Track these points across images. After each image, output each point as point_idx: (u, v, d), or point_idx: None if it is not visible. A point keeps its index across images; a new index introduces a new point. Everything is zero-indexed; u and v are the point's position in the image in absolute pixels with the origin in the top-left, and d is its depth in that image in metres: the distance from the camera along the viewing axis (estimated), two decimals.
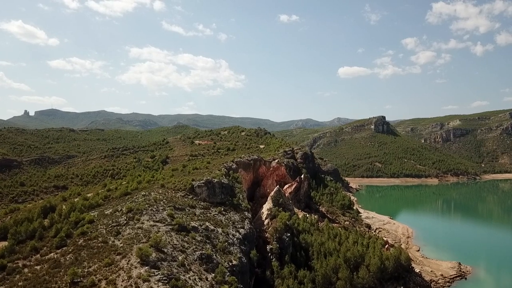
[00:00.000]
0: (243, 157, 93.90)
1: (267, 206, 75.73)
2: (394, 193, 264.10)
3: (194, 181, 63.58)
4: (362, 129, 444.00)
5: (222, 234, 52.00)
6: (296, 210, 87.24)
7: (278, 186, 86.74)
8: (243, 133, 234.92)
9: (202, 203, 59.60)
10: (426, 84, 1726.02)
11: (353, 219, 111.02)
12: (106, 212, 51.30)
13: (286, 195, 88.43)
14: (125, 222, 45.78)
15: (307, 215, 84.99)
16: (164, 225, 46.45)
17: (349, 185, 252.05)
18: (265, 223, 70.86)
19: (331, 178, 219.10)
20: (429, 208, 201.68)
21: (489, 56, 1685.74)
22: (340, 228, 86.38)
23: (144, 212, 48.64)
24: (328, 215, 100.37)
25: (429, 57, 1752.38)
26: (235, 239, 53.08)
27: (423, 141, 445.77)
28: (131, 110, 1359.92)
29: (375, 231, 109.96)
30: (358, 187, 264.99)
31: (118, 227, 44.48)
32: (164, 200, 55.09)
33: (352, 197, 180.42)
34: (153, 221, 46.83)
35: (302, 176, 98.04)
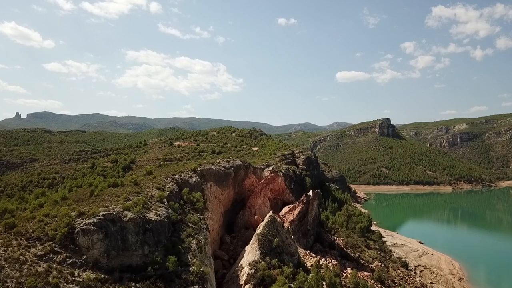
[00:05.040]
0: (218, 162, 58.86)
1: (250, 255, 40.52)
2: (406, 202, 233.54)
3: (81, 217, 28.12)
4: (365, 132, 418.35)
5: None
6: (301, 251, 52.23)
7: (272, 211, 52.02)
8: (234, 134, 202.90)
9: (85, 274, 24.58)
10: (425, 88, 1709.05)
11: (381, 253, 76.36)
12: None
13: (285, 225, 53.72)
14: None
15: (322, 263, 50.00)
16: None
17: (356, 194, 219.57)
18: None
19: (337, 187, 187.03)
20: (456, 224, 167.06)
21: (488, 60, 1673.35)
22: (373, 282, 51.82)
23: None
24: (349, 251, 65.70)
25: (428, 61, 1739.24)
26: None
27: (428, 146, 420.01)
28: (128, 113, 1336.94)
29: (414, 271, 75.24)
30: (366, 196, 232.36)
31: None
32: None
33: (364, 210, 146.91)
34: None
35: (310, 193, 62.31)
